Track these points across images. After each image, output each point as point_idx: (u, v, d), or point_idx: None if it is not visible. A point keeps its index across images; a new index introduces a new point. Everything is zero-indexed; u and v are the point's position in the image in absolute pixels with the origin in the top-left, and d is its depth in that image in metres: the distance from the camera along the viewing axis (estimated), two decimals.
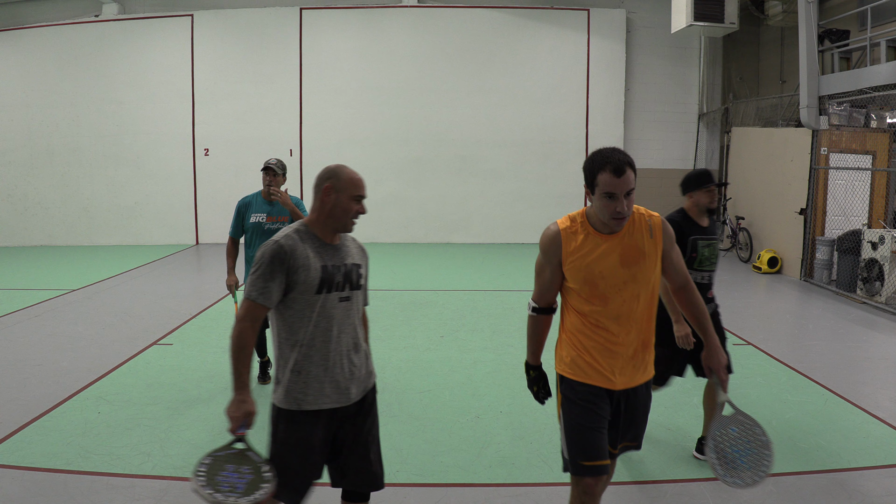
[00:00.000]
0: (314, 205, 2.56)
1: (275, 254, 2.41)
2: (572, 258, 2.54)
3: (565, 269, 2.57)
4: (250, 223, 5.05)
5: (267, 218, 5.03)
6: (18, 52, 13.39)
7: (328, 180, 2.53)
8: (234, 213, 5.15)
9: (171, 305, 8.11)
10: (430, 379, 5.44)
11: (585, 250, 2.53)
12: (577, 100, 13.65)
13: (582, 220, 2.58)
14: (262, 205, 5.09)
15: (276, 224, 5.05)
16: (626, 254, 2.53)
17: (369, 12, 13.41)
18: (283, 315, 2.49)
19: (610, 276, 2.52)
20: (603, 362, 2.57)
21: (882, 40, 8.87)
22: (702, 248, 3.84)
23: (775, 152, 10.93)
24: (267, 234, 4.98)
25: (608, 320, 2.55)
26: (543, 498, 3.56)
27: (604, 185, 2.42)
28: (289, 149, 13.54)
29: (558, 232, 2.57)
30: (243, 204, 5.10)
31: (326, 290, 2.48)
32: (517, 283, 9.74)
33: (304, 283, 2.44)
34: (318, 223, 2.56)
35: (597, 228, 2.54)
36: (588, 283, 2.53)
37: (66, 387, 5.21)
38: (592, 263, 2.52)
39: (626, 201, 2.42)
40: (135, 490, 3.58)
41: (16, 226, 13.65)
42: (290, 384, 2.48)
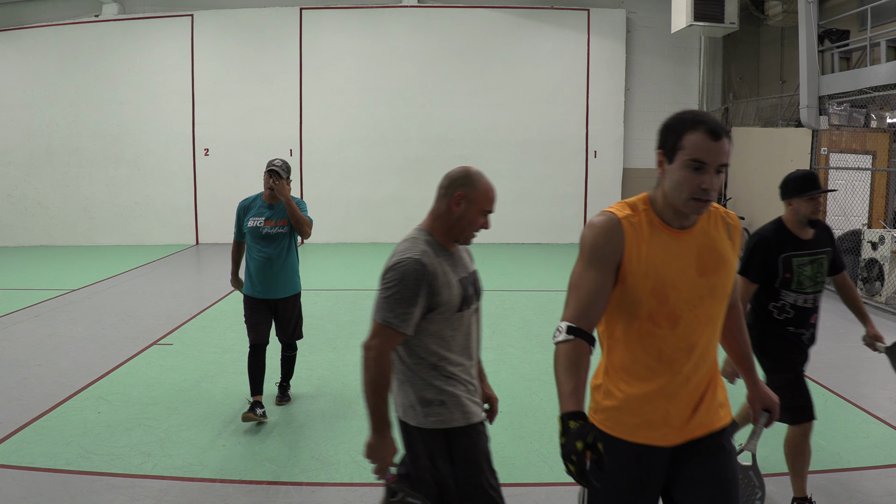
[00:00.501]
0: (438, 208, 2.34)
1: (418, 275, 2.16)
2: (637, 259, 1.87)
3: (625, 272, 1.87)
4: (248, 227, 4.69)
5: (265, 222, 4.67)
6: (18, 52, 13.39)
7: (462, 187, 2.30)
8: (236, 216, 4.85)
9: (171, 305, 8.11)
10: None
11: (654, 249, 1.88)
12: (577, 100, 13.64)
13: (645, 207, 1.92)
14: (262, 208, 4.72)
15: (274, 228, 4.66)
16: (703, 257, 1.91)
17: (369, 12, 13.41)
18: (419, 336, 2.25)
19: (684, 287, 1.87)
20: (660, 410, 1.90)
21: (882, 40, 8.86)
22: (798, 268, 3.26)
23: (775, 152, 10.92)
24: (265, 239, 4.63)
25: (675, 351, 1.88)
26: (543, 498, 3.56)
27: (692, 149, 1.78)
28: (289, 149, 13.54)
29: (618, 222, 1.88)
30: (242, 207, 4.79)
31: (466, 307, 2.28)
32: (517, 283, 9.74)
33: (447, 303, 2.22)
34: (440, 230, 2.33)
35: (666, 220, 1.91)
36: (656, 294, 1.86)
37: (66, 387, 5.21)
38: (663, 267, 1.87)
39: (715, 179, 1.80)
40: (135, 490, 3.58)
41: (16, 226, 13.65)
42: (436, 406, 2.25)
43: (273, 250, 4.60)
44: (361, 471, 3.83)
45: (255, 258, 4.63)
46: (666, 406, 1.90)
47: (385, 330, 2.17)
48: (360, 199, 13.73)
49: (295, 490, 3.62)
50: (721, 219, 1.99)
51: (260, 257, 4.60)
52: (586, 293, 1.84)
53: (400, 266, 2.19)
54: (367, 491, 3.60)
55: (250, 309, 4.67)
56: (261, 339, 4.61)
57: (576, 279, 1.89)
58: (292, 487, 3.65)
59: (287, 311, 4.74)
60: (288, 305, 4.73)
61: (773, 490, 3.63)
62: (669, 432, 1.91)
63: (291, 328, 4.80)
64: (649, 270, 1.86)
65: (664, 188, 1.88)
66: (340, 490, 3.61)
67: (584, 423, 1.68)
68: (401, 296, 2.15)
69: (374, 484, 3.68)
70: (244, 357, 5.96)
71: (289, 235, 4.68)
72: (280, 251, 4.63)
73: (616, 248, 1.86)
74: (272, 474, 3.79)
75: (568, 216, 13.76)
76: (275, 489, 3.63)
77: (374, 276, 9.55)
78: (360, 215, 13.72)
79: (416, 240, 2.30)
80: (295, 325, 4.81)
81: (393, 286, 2.17)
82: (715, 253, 1.93)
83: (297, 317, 4.81)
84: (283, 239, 4.65)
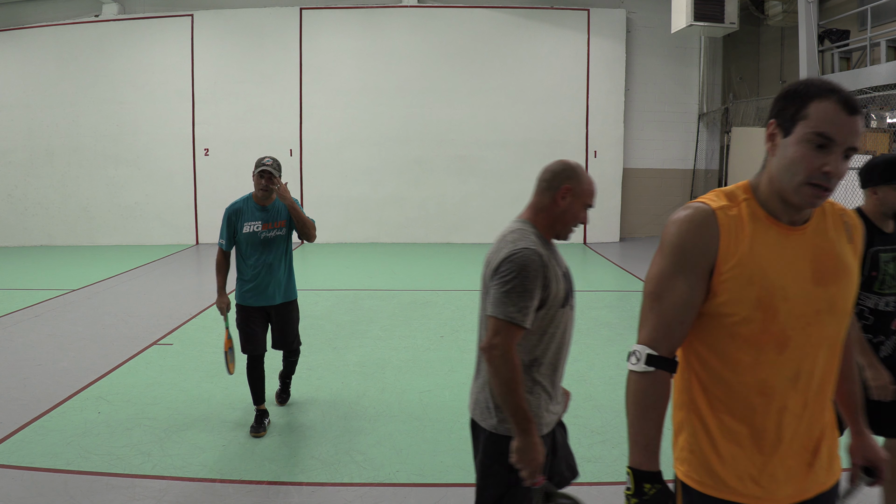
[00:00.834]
0: (540, 201, 2.28)
1: (536, 265, 2.08)
2: (737, 261, 1.48)
3: (721, 279, 1.49)
4: (243, 234, 4.35)
5: (262, 226, 4.36)
6: (18, 52, 13.39)
7: (568, 181, 2.24)
8: (223, 222, 4.42)
9: (171, 305, 8.11)
10: (430, 379, 5.44)
11: (759, 248, 1.49)
12: (577, 100, 13.64)
13: (746, 196, 1.55)
14: (255, 211, 4.37)
15: (272, 231, 4.36)
16: (820, 262, 1.52)
17: (369, 12, 13.40)
18: None
19: (797, 299, 1.48)
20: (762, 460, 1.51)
21: (882, 40, 8.87)
22: (885, 264, 2.82)
23: None
24: (263, 244, 4.35)
25: (781, 381, 1.49)
26: None
27: (819, 120, 1.41)
28: (289, 149, 13.54)
29: (712, 214, 1.51)
30: (233, 211, 4.39)
31: (567, 302, 2.23)
32: None
33: (555, 297, 2.15)
34: (543, 224, 2.26)
35: (772, 213, 1.52)
36: (763, 306, 1.47)
37: (66, 387, 5.21)
38: (771, 272, 1.48)
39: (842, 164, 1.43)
40: (135, 490, 3.58)
41: (16, 226, 13.65)
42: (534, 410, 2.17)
43: (273, 256, 4.38)
44: (361, 471, 3.83)
45: (252, 266, 4.38)
46: (770, 455, 1.50)
47: (508, 326, 2.05)
48: (360, 199, 13.73)
49: (295, 490, 3.62)
50: (839, 217, 1.60)
51: (259, 265, 4.37)
52: (670, 307, 1.51)
53: (517, 257, 2.08)
54: (367, 491, 3.60)
55: (246, 319, 4.44)
56: (259, 350, 4.44)
57: (656, 287, 1.53)
58: (292, 487, 3.65)
59: (286, 318, 4.53)
60: (287, 312, 4.53)
61: None
62: (776, 489, 1.50)
63: (292, 336, 4.60)
64: (754, 275, 1.47)
65: (771, 169, 1.49)
66: (340, 490, 3.61)
67: (663, 488, 1.45)
68: (522, 288, 2.06)
69: (373, 484, 3.68)
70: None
71: (287, 238, 4.47)
72: (279, 255, 4.42)
73: (709, 248, 1.49)
74: (272, 474, 3.79)
75: None
76: (275, 489, 3.63)
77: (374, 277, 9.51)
78: (360, 215, 13.72)
79: (523, 231, 2.21)
80: (295, 331, 4.63)
81: (512, 279, 2.06)
82: (834, 258, 1.53)
83: (297, 322, 4.62)
84: (281, 242, 4.43)
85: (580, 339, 6.58)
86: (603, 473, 3.82)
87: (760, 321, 1.47)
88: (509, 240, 2.18)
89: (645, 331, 1.54)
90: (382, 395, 5.08)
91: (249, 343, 4.42)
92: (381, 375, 5.51)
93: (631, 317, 7.54)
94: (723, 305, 1.49)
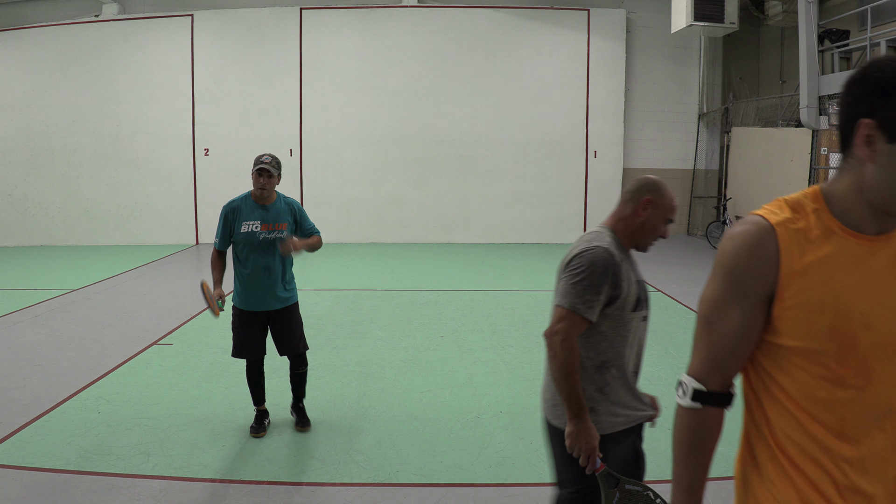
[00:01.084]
0: (622, 211, 2.36)
1: (607, 263, 2.18)
2: (803, 283, 1.28)
3: (784, 305, 1.30)
4: (241, 234, 4.15)
5: (262, 226, 4.14)
6: (18, 52, 13.39)
7: (650, 193, 2.33)
8: (220, 221, 4.21)
9: (171, 305, 8.11)
10: (430, 379, 5.44)
11: (832, 267, 1.28)
12: (577, 100, 13.64)
13: (817, 206, 1.33)
14: (255, 209, 4.18)
15: (272, 233, 4.16)
16: None
17: (369, 12, 13.41)
18: (589, 331, 2.25)
19: (883, 324, 1.27)
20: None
21: (882, 40, 8.87)
22: None
23: (775, 152, 10.93)
24: (262, 245, 4.15)
25: (867, 420, 1.28)
26: (543, 498, 3.56)
27: None
28: (289, 149, 13.54)
29: (771, 231, 1.30)
30: (230, 209, 4.19)
31: (639, 308, 2.30)
32: (517, 283, 9.74)
33: (625, 299, 2.24)
34: (623, 232, 2.35)
35: (851, 224, 1.30)
36: (837, 336, 1.27)
37: (66, 387, 5.21)
38: (848, 294, 1.27)
39: None
40: (135, 490, 3.58)
41: (16, 226, 13.65)
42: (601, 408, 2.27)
43: (271, 258, 4.16)
44: (361, 471, 3.83)
45: (248, 268, 4.18)
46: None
47: (571, 315, 2.17)
48: (360, 199, 13.74)
49: (295, 490, 3.62)
50: None
51: (256, 267, 4.16)
52: (722, 338, 1.34)
53: (588, 253, 2.20)
54: (367, 491, 3.60)
55: (242, 324, 4.25)
56: (257, 355, 4.31)
57: (708, 313, 1.37)
58: (292, 487, 3.65)
59: (287, 323, 4.31)
60: (287, 316, 4.30)
61: None
62: None
63: (297, 339, 4.37)
64: (826, 301, 1.26)
65: (869, 179, 1.25)
66: (340, 490, 3.61)
67: None
68: (589, 282, 2.17)
69: (373, 484, 3.69)
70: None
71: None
72: (277, 258, 4.20)
73: (766, 271, 1.29)
74: (272, 474, 3.79)
75: (568, 216, 13.76)
76: (275, 489, 3.63)
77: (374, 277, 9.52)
78: (360, 215, 13.73)
79: (600, 234, 2.32)
80: (300, 335, 4.40)
81: (581, 273, 2.18)
82: None
83: (299, 326, 4.40)
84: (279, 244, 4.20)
85: None
86: None
87: (836, 352, 1.26)
88: (585, 239, 2.30)
89: (695, 361, 1.40)
90: (382, 395, 5.08)
91: (244, 349, 4.27)
92: (381, 375, 5.51)
93: None
94: (785, 336, 1.29)
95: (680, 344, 6.47)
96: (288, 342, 4.35)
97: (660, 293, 8.86)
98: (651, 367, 5.71)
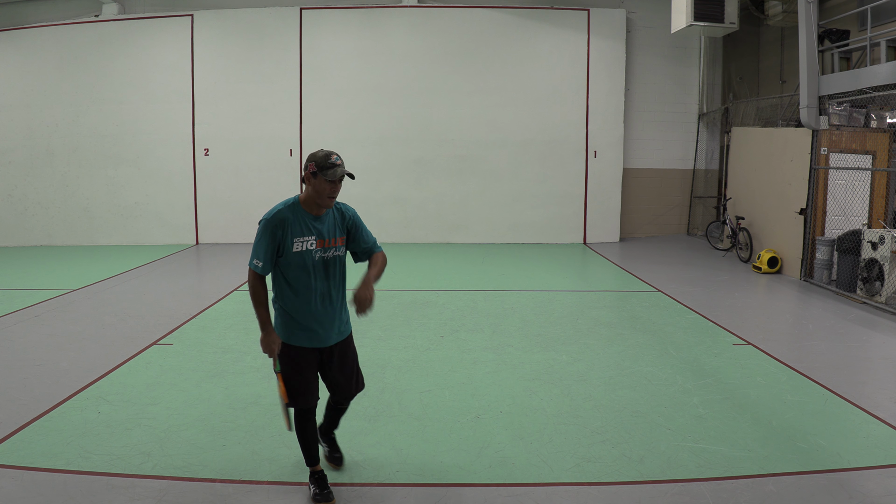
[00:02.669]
0: None
1: None
2: None
3: None
4: (293, 253, 3.28)
5: (317, 242, 3.31)
6: (18, 52, 13.39)
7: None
8: (265, 237, 3.27)
9: (171, 305, 8.11)
10: (430, 379, 5.44)
11: None
12: (577, 100, 13.64)
13: None
14: (307, 221, 3.31)
15: (329, 250, 3.36)
16: None
17: (369, 12, 13.41)
18: None
19: None
20: None
21: (882, 40, 8.86)
22: None
23: (775, 152, 10.93)
24: (318, 267, 3.33)
25: None
26: (543, 498, 3.56)
27: None
28: (289, 149, 13.54)
29: None
30: (279, 221, 3.27)
31: None
32: (517, 283, 9.73)
33: None
34: None
35: None
36: None
37: (66, 387, 5.21)
38: None
39: None
40: (135, 490, 3.58)
41: (16, 226, 13.65)
42: None
43: (330, 282, 3.41)
44: (362, 471, 3.83)
45: (303, 296, 3.34)
46: None
47: None
48: (360, 199, 13.70)
49: (295, 490, 3.62)
50: None
51: (311, 295, 3.35)
52: None
53: None
54: (367, 491, 3.60)
55: (295, 365, 3.40)
56: (314, 401, 3.51)
57: None
58: (292, 487, 3.65)
59: (344, 359, 3.56)
60: (344, 351, 3.56)
61: (773, 490, 3.63)
62: None
63: (354, 379, 3.65)
64: None
65: None
66: (340, 490, 3.61)
67: None
68: None
69: (373, 484, 3.68)
70: (244, 357, 5.99)
71: (345, 258, 3.52)
72: (337, 281, 3.46)
73: None
74: (272, 474, 3.79)
75: (568, 216, 13.75)
76: (275, 489, 3.63)
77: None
78: (361, 215, 13.68)
79: None
80: (357, 373, 3.69)
81: None
82: None
83: (356, 362, 3.69)
84: (339, 264, 3.46)
85: (580, 339, 6.58)
86: (603, 473, 3.82)
87: None
88: None
89: None
90: (382, 395, 5.08)
91: (302, 395, 3.43)
92: (381, 375, 5.51)
93: (631, 317, 7.54)
94: None
95: (680, 344, 6.46)
96: (346, 382, 3.61)
97: (660, 293, 8.86)
98: (651, 367, 5.71)
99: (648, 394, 5.04)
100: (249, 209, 13.57)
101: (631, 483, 3.72)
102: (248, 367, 5.69)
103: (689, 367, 5.76)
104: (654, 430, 4.40)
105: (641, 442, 4.22)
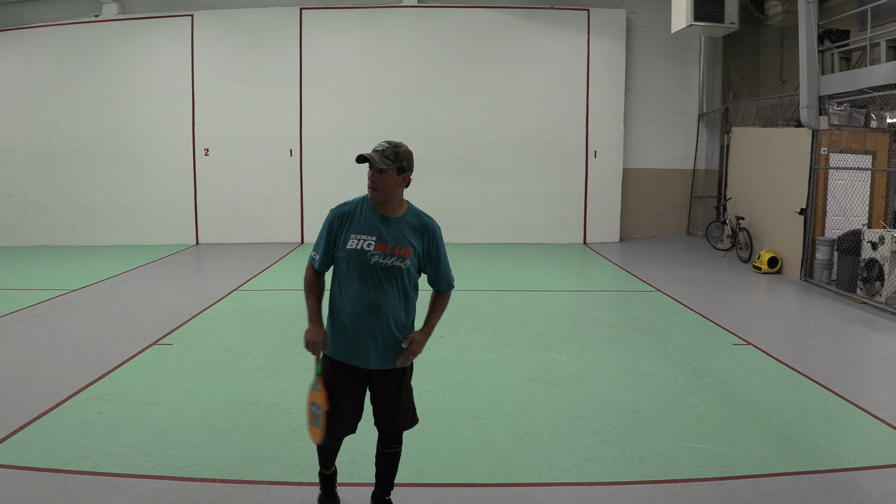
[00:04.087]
0: None
1: None
2: None
3: None
4: (346, 249, 3.00)
5: (377, 244, 2.98)
6: (18, 52, 13.39)
7: None
8: (323, 228, 3.10)
9: (171, 305, 8.11)
10: (430, 379, 5.44)
11: None
12: (577, 100, 13.64)
13: None
14: (373, 219, 3.04)
15: (390, 258, 2.98)
16: None
17: (369, 12, 13.41)
18: None
19: None
20: None
21: (882, 40, 8.86)
22: None
23: (775, 152, 10.92)
24: (373, 273, 2.97)
25: None
26: (543, 498, 3.56)
27: None
28: (289, 149, 13.54)
29: None
30: (339, 215, 3.08)
31: None
32: (517, 283, 9.73)
33: None
34: None
35: None
36: None
37: (66, 387, 5.20)
38: None
39: None
40: (135, 490, 3.58)
41: (16, 226, 13.65)
42: None
43: (383, 294, 2.99)
44: (361, 471, 3.83)
45: (350, 300, 3.01)
46: None
47: None
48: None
49: (295, 490, 3.62)
50: None
51: (359, 302, 2.99)
52: None
53: None
54: (367, 491, 3.60)
55: (333, 378, 3.07)
56: (345, 433, 3.14)
57: None
58: (292, 487, 3.65)
59: (387, 391, 3.13)
60: (388, 383, 3.12)
61: (773, 490, 3.63)
62: None
63: (404, 412, 3.18)
64: None
65: None
66: (341, 490, 3.61)
67: None
68: None
69: (374, 484, 3.68)
70: (244, 357, 5.99)
71: (410, 274, 3.07)
72: (393, 296, 3.02)
73: None
74: (272, 474, 3.79)
75: (568, 216, 13.75)
76: (275, 489, 3.63)
77: None
78: None
79: None
80: (407, 410, 3.20)
81: None
82: None
83: (407, 398, 3.21)
84: (399, 276, 3.02)
85: (580, 339, 6.58)
86: (603, 473, 3.82)
87: None
88: None
89: None
90: None
91: (333, 427, 3.08)
92: None
93: (630, 317, 7.54)
94: None
95: (680, 344, 6.46)
96: (392, 414, 3.17)
97: (660, 293, 8.86)
98: (651, 367, 5.72)
99: (648, 394, 5.04)
100: (249, 209, 13.57)
101: (631, 483, 3.72)
102: (248, 367, 5.70)
103: (689, 367, 5.76)
104: (654, 430, 4.40)
105: (641, 442, 4.22)
